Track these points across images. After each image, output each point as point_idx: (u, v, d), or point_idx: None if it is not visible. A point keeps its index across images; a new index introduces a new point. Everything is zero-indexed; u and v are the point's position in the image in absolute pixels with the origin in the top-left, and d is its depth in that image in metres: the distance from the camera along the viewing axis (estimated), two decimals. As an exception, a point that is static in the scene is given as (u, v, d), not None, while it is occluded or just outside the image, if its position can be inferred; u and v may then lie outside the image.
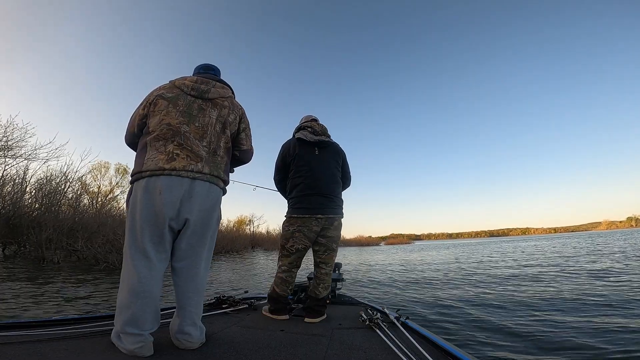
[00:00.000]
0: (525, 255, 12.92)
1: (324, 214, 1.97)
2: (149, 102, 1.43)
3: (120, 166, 20.81)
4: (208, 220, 1.43)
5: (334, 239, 2.03)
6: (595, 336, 2.64)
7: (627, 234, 37.78)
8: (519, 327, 3.00)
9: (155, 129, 1.38)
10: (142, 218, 1.27)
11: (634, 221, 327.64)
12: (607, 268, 7.05)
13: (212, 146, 1.47)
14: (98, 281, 5.72)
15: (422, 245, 46.35)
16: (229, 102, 1.57)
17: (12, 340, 1.28)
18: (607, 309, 3.54)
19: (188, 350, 1.30)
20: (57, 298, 4.06)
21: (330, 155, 2.16)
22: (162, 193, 1.28)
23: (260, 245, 26.31)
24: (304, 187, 2.02)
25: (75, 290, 4.76)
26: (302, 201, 1.99)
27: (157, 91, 1.46)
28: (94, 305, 3.81)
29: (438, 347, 1.34)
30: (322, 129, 2.20)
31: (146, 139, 1.39)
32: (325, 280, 2.00)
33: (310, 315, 1.91)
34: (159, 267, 1.30)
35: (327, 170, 2.09)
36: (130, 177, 1.39)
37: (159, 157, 1.33)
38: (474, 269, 8.73)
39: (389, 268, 10.13)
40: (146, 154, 1.36)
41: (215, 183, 1.45)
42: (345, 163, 2.29)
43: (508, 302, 4.10)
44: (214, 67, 1.71)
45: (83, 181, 12.68)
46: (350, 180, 2.34)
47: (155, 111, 1.40)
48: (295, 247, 1.96)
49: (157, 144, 1.36)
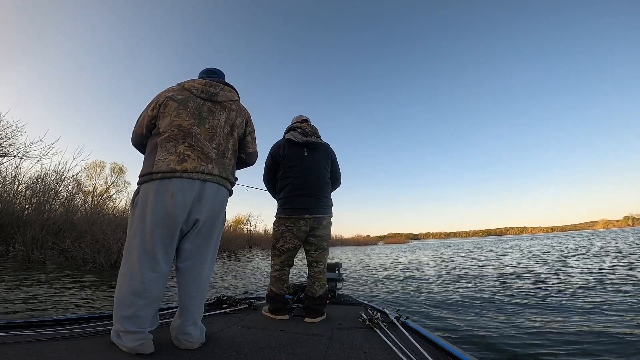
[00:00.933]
0: (523, 254, 12.98)
1: (312, 214, 2.01)
2: (159, 104, 1.43)
3: (115, 165, 20.73)
4: (215, 221, 1.45)
5: (324, 237, 2.07)
6: (595, 336, 2.66)
7: (621, 233, 37.99)
8: (518, 327, 3.02)
9: (166, 130, 1.38)
10: (154, 220, 1.27)
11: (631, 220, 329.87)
12: (603, 268, 7.10)
13: (221, 148, 1.49)
14: (81, 283, 5.52)
15: (420, 245, 46.50)
16: (236, 105, 1.60)
17: (12, 340, 1.27)
18: (607, 309, 3.56)
19: (188, 350, 1.30)
20: (26, 300, 3.87)
21: (320, 156, 2.19)
22: (175, 196, 1.29)
23: (258, 245, 26.26)
24: (292, 187, 2.06)
25: (53, 291, 4.54)
26: (290, 202, 2.04)
27: (167, 93, 1.46)
28: (62, 309, 3.54)
29: (438, 347, 1.34)
30: (312, 129, 2.21)
31: (156, 140, 1.39)
32: (320, 279, 2.03)
33: (310, 315, 1.93)
34: (165, 270, 1.31)
35: (316, 171, 2.12)
36: (138, 178, 1.39)
37: (170, 158, 1.34)
38: (473, 269, 8.76)
39: (388, 267, 10.15)
40: (156, 154, 1.36)
41: (223, 185, 1.47)
42: (335, 164, 2.32)
43: (508, 302, 4.12)
44: (219, 71, 1.73)
45: (78, 180, 12.50)
46: (340, 181, 2.37)
47: (165, 112, 1.41)
48: (286, 246, 2.01)
49: (168, 145, 1.37)
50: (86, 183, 18.13)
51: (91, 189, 18.03)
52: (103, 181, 20.11)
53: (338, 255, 18.96)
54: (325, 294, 2.04)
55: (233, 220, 32.37)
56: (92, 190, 17.69)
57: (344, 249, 31.75)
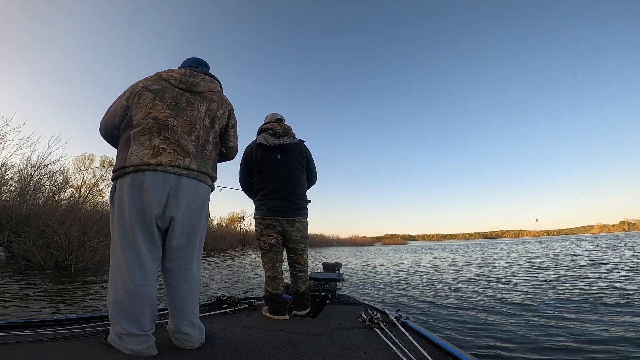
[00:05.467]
0: (520, 257, 13.03)
1: (284, 217, 2.08)
2: (133, 94, 1.35)
3: (105, 159, 19.52)
4: (197, 220, 1.38)
5: (300, 240, 2.14)
6: (594, 336, 2.68)
7: (615, 238, 38.21)
8: (518, 327, 3.03)
9: (140, 122, 1.31)
10: (132, 216, 1.21)
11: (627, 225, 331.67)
12: (600, 270, 7.15)
13: (201, 140, 1.41)
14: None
15: (417, 246, 46.56)
16: (217, 96, 1.52)
17: (12, 340, 1.26)
18: (606, 309, 3.58)
19: (188, 350, 1.29)
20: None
21: (294, 156, 2.19)
22: (147, 190, 1.22)
23: (250, 244, 25.73)
24: (266, 192, 2.11)
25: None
26: (264, 204, 2.10)
27: (143, 82, 1.38)
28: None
29: (438, 347, 1.34)
30: (285, 129, 2.18)
31: (129, 133, 1.31)
32: (302, 277, 2.15)
33: (297, 309, 2.12)
34: (151, 267, 1.25)
35: (289, 174, 2.14)
36: (112, 174, 1.32)
37: (143, 152, 1.26)
38: (472, 270, 8.79)
39: (387, 269, 10.16)
40: (129, 148, 1.28)
41: (203, 180, 1.40)
42: (311, 162, 2.33)
43: (507, 303, 4.14)
44: (203, 62, 1.65)
45: (50, 168, 10.59)
46: (315, 179, 2.39)
47: (139, 103, 1.33)
48: (269, 242, 2.06)
49: (142, 138, 1.29)
50: (75, 177, 17.46)
51: (80, 182, 17.42)
52: (91, 175, 19.26)
53: (340, 256, 18.94)
54: (308, 289, 2.19)
55: (228, 218, 32.18)
56: (80, 185, 17.01)
57: (341, 250, 31.58)
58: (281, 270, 2.10)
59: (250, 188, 2.26)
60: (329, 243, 50.49)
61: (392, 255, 20.04)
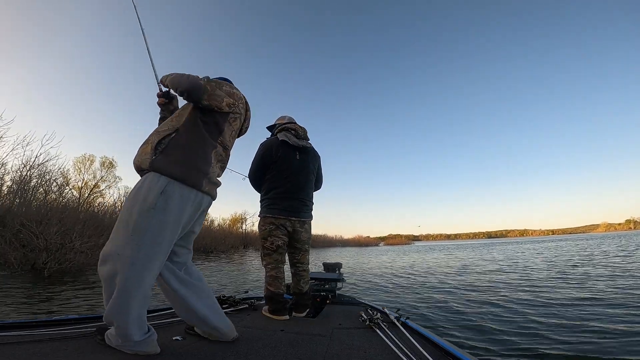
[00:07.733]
0: (524, 257, 12.94)
1: (297, 217, 2.10)
2: None
3: (105, 159, 19.57)
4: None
5: (306, 241, 2.19)
6: (594, 336, 2.65)
7: (622, 237, 37.84)
8: (518, 327, 3.02)
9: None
10: (173, 222, 1.25)
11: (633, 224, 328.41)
12: (604, 273, 7.07)
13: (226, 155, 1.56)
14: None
15: (421, 247, 46.41)
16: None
17: (12, 340, 1.27)
18: (606, 309, 3.55)
19: (188, 350, 1.30)
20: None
21: (310, 160, 2.24)
22: (193, 206, 1.34)
23: (253, 245, 25.32)
24: (283, 190, 2.10)
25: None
26: (279, 203, 2.08)
27: None
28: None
29: (438, 347, 1.34)
30: (304, 132, 2.27)
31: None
32: (304, 276, 2.17)
33: (297, 310, 2.10)
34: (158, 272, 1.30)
35: (306, 176, 2.19)
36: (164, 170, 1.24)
37: (217, 172, 1.45)
38: (473, 270, 8.74)
39: (388, 270, 10.13)
40: (210, 165, 1.39)
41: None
42: (320, 168, 2.39)
43: (507, 303, 4.11)
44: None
45: (45, 167, 10.85)
46: (321, 184, 2.46)
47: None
48: (275, 243, 2.05)
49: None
50: (76, 178, 17.33)
51: (80, 184, 17.17)
52: (92, 176, 18.81)
53: (341, 256, 18.91)
54: (310, 288, 2.20)
55: (230, 219, 31.73)
56: (81, 186, 16.78)
57: (345, 250, 31.33)
58: (284, 271, 2.10)
59: (260, 183, 2.22)
60: (332, 243, 50.45)
61: (395, 255, 20.00)
